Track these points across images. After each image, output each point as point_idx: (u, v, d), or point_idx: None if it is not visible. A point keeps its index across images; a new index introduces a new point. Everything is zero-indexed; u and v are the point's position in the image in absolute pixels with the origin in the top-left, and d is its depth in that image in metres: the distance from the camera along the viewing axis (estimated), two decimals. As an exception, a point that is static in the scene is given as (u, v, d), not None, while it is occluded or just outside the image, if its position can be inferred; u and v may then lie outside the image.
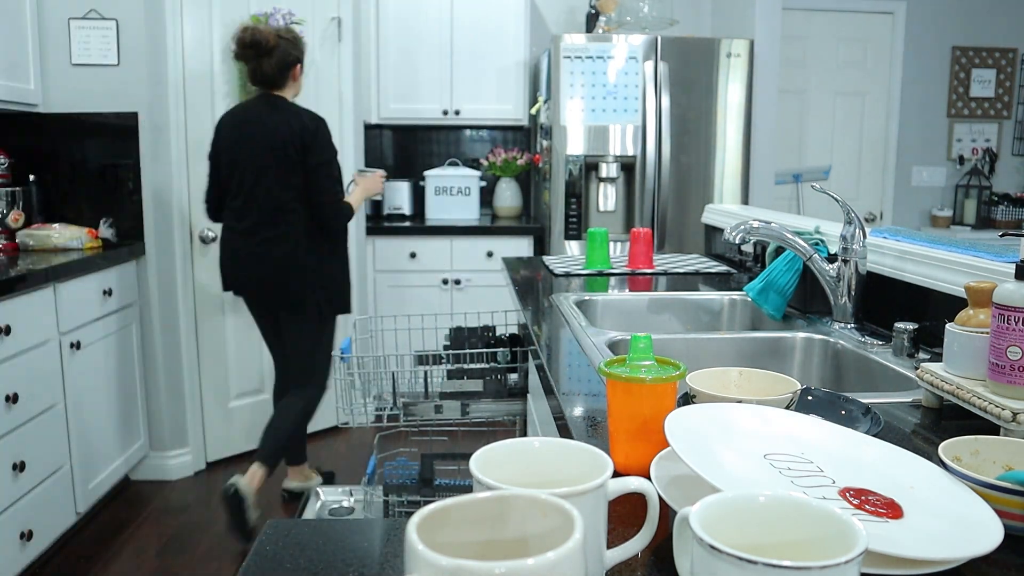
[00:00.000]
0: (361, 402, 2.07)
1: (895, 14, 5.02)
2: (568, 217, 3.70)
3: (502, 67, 4.09)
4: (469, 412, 2.05)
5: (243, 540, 2.60)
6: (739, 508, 0.56)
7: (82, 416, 2.69)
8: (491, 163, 4.31)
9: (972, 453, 0.79)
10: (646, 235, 2.34)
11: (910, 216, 5.24)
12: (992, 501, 0.70)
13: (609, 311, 1.92)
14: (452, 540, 0.52)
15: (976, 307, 1.01)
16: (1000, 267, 1.24)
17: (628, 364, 0.84)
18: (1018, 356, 0.90)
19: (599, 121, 3.64)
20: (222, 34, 3.22)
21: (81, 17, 2.97)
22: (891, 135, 5.14)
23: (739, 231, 1.60)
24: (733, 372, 0.96)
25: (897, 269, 1.50)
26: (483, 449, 0.63)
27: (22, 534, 2.31)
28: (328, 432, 3.76)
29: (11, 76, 2.77)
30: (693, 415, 0.80)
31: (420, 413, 2.04)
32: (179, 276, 3.18)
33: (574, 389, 1.18)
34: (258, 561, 0.70)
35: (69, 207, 3.08)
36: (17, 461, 2.29)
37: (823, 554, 0.51)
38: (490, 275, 3.92)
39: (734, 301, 1.92)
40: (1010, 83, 5.20)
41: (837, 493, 0.71)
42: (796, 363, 1.53)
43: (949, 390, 1.01)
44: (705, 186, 3.74)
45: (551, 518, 0.52)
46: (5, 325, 2.24)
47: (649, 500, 0.64)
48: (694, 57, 3.66)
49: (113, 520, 2.88)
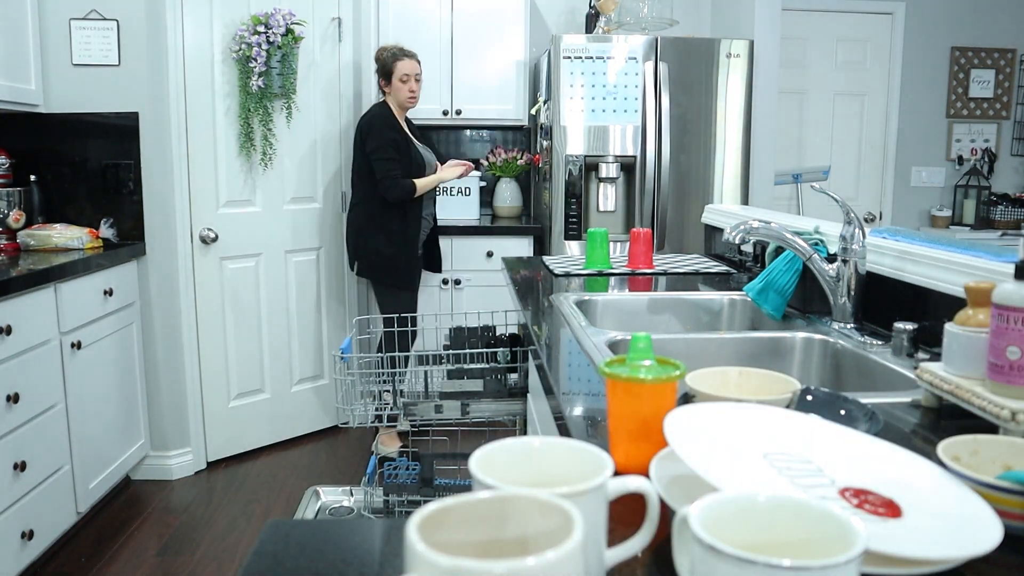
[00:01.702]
0: (361, 402, 2.07)
1: (895, 14, 5.02)
2: (568, 217, 3.69)
3: (502, 67, 4.09)
4: (469, 412, 2.05)
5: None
6: (739, 508, 0.56)
7: (83, 416, 2.69)
8: (491, 163, 4.31)
9: (971, 453, 0.79)
10: (646, 235, 2.34)
11: (909, 216, 5.24)
12: (992, 501, 0.70)
13: (609, 311, 1.92)
14: (452, 540, 0.52)
15: (975, 307, 1.01)
16: (1000, 267, 1.25)
17: (628, 364, 0.84)
18: (1017, 356, 0.90)
19: (599, 121, 3.64)
20: (222, 34, 3.23)
21: (82, 17, 2.97)
22: (890, 135, 5.14)
23: (739, 231, 1.60)
24: (733, 372, 0.97)
25: (897, 269, 1.50)
26: (483, 449, 0.63)
27: (23, 534, 2.31)
28: (328, 432, 3.76)
29: (12, 76, 2.77)
30: (693, 415, 0.81)
31: (420, 413, 2.04)
32: (179, 276, 3.18)
33: (574, 389, 1.18)
34: (258, 561, 0.70)
35: (70, 207, 3.09)
36: (18, 461, 2.29)
37: (823, 554, 0.51)
38: (490, 275, 3.92)
39: (734, 301, 1.92)
40: (1009, 83, 5.20)
41: (837, 493, 0.71)
42: (796, 363, 1.53)
43: (948, 390, 1.01)
44: (705, 186, 3.74)
45: (551, 518, 0.52)
46: (6, 325, 2.24)
47: (649, 500, 0.64)
48: (694, 57, 3.66)
49: (113, 520, 2.88)
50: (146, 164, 3.08)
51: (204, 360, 3.32)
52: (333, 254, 3.74)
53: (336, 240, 3.73)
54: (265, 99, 3.31)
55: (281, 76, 3.32)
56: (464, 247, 3.92)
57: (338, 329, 3.79)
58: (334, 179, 3.69)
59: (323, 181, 3.65)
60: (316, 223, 3.65)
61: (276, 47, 3.26)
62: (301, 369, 3.67)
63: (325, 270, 3.71)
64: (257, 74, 3.24)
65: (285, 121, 3.45)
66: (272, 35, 3.23)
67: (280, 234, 3.52)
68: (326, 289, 3.73)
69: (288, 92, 3.38)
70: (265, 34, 3.22)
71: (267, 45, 3.23)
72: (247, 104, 3.28)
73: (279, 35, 3.25)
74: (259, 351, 3.49)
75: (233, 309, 3.39)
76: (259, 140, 3.35)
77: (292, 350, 3.62)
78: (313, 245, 3.65)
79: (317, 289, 3.69)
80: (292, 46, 3.33)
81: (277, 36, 3.24)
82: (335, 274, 3.76)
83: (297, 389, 3.66)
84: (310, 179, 3.60)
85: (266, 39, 3.23)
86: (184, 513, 2.95)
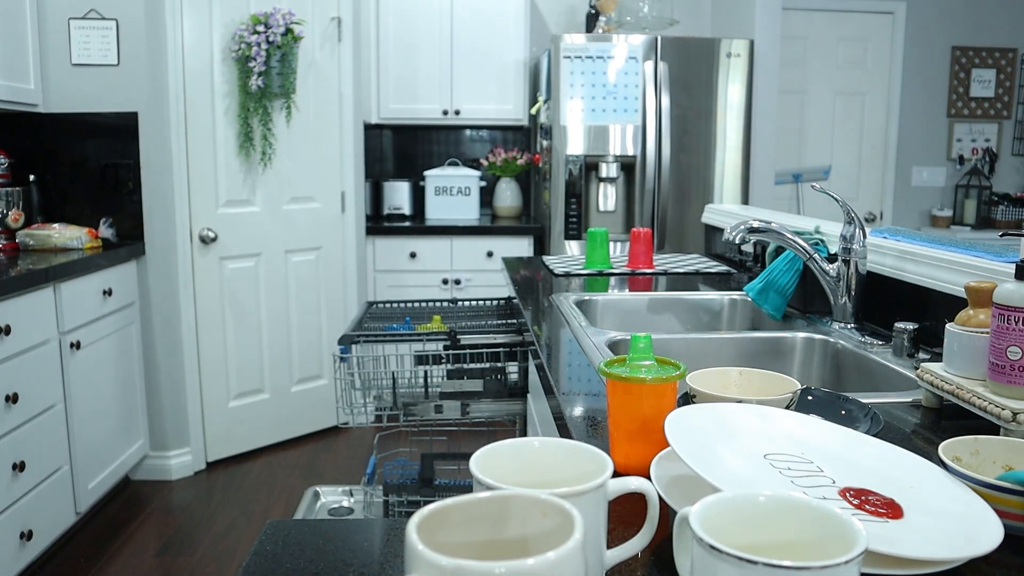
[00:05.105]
0: (361, 402, 2.07)
1: (895, 14, 5.02)
2: (568, 217, 3.70)
3: (502, 67, 4.09)
4: (469, 412, 2.05)
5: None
6: (739, 508, 0.56)
7: (82, 416, 2.69)
8: (491, 163, 4.31)
9: (972, 453, 0.79)
10: (646, 235, 2.34)
11: (910, 216, 5.24)
12: (992, 501, 0.70)
13: (609, 311, 1.92)
14: (452, 540, 0.52)
15: (976, 307, 1.01)
16: (1000, 267, 1.24)
17: (628, 364, 0.84)
18: (1018, 356, 0.90)
19: (599, 121, 3.64)
20: (222, 34, 3.23)
21: (81, 17, 2.97)
22: (891, 135, 5.14)
23: (739, 231, 1.60)
24: (733, 372, 0.96)
25: (897, 269, 1.50)
26: (483, 449, 0.63)
27: (22, 534, 2.31)
28: (328, 432, 3.76)
29: (11, 76, 2.77)
30: (693, 415, 0.80)
31: (420, 413, 2.04)
32: (179, 276, 3.18)
33: (574, 389, 1.18)
34: (258, 561, 0.70)
35: (69, 207, 3.08)
36: (17, 461, 2.29)
37: (823, 554, 0.51)
38: (490, 275, 3.92)
39: (734, 301, 1.92)
40: (1010, 83, 5.20)
41: (837, 493, 0.71)
42: (796, 363, 1.53)
43: (949, 390, 1.01)
44: (705, 186, 3.74)
45: (551, 518, 0.52)
46: (5, 325, 2.24)
47: (649, 500, 0.64)
48: (694, 57, 3.66)
49: (113, 520, 2.88)
50: (145, 164, 3.08)
51: (204, 360, 3.32)
52: (333, 254, 3.74)
53: (336, 240, 3.73)
54: (264, 99, 3.31)
55: (281, 76, 3.32)
56: (464, 247, 3.92)
57: (338, 329, 3.78)
58: (334, 179, 3.69)
59: (323, 181, 3.65)
60: (316, 223, 3.64)
61: (276, 47, 3.26)
62: (301, 369, 3.67)
63: (325, 270, 3.71)
64: (257, 74, 3.23)
65: (285, 121, 3.45)
66: (272, 35, 3.23)
67: (280, 234, 3.52)
68: (326, 289, 3.72)
69: (288, 92, 3.38)
70: (265, 34, 3.22)
71: (267, 45, 3.23)
72: (246, 104, 3.28)
73: (279, 35, 3.25)
74: (259, 351, 3.49)
75: (233, 309, 3.39)
76: (258, 140, 3.35)
77: (292, 350, 3.62)
78: (313, 245, 3.65)
79: (317, 289, 3.69)
80: (292, 46, 3.32)
81: (277, 36, 3.24)
82: (335, 274, 3.76)
83: (297, 389, 3.66)
84: (310, 179, 3.60)
85: (266, 39, 3.22)
86: (184, 513, 2.95)
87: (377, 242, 3.93)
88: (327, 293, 3.73)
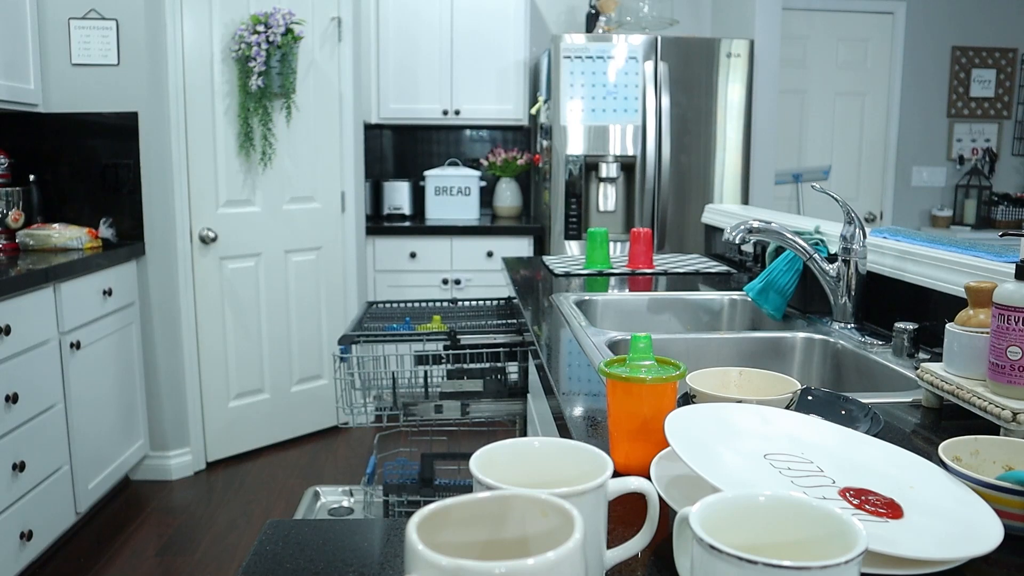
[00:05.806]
0: (361, 402, 2.07)
1: (895, 14, 5.02)
2: (568, 217, 3.70)
3: (502, 67, 4.09)
4: (469, 412, 2.05)
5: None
6: (739, 508, 0.56)
7: (82, 416, 2.69)
8: (491, 163, 4.31)
9: (972, 453, 0.79)
10: (646, 235, 2.34)
11: (910, 216, 5.24)
12: (992, 501, 0.70)
13: (609, 311, 1.92)
14: (452, 540, 0.52)
15: (976, 307, 1.01)
16: (1000, 267, 1.24)
17: (628, 364, 0.84)
18: (1018, 356, 0.90)
19: (599, 121, 3.64)
20: (222, 34, 3.23)
21: (81, 17, 2.97)
22: (891, 135, 5.14)
23: (739, 231, 1.60)
24: (733, 372, 0.96)
25: (897, 269, 1.50)
26: (483, 449, 0.63)
27: (22, 534, 2.31)
28: (328, 432, 3.76)
29: (11, 76, 2.77)
30: (693, 415, 0.80)
31: (420, 413, 2.04)
32: (179, 276, 3.18)
33: (574, 389, 1.18)
34: (258, 561, 0.70)
35: (69, 207, 3.08)
36: (17, 461, 2.29)
37: (823, 554, 0.51)
38: (490, 275, 3.92)
39: (734, 301, 1.92)
40: (1010, 83, 5.20)
41: (837, 493, 0.71)
42: (796, 363, 1.53)
43: (949, 390, 1.01)
44: (705, 186, 3.74)
45: (551, 518, 0.52)
46: (5, 325, 2.24)
47: (649, 500, 0.64)
48: (694, 57, 3.66)
49: (113, 520, 2.88)
50: (145, 164, 3.08)
51: (204, 360, 3.32)
52: (333, 254, 3.74)
53: (336, 240, 3.73)
54: (265, 99, 3.31)
55: (281, 76, 3.32)
56: (464, 247, 3.92)
57: (338, 329, 3.78)
58: (334, 179, 3.69)
59: (323, 181, 3.65)
60: (316, 223, 3.64)
61: (276, 47, 3.26)
62: (301, 369, 3.67)
63: (325, 270, 3.71)
64: (256, 74, 3.23)
65: (285, 121, 3.45)
66: (272, 35, 3.23)
67: (280, 234, 3.52)
68: (326, 289, 3.72)
69: (288, 92, 3.38)
70: (265, 34, 3.22)
71: (267, 45, 3.23)
72: (246, 104, 3.28)
73: (279, 35, 3.25)
74: (259, 351, 3.49)
75: (233, 309, 3.39)
76: (258, 140, 3.35)
77: (292, 350, 3.62)
78: (313, 245, 3.65)
79: (317, 289, 3.69)
80: (292, 46, 3.32)
81: (277, 36, 3.24)
82: (335, 274, 3.76)
83: (297, 389, 3.66)
84: (310, 179, 3.60)
85: (266, 39, 3.22)
86: (183, 513, 2.95)
87: (377, 242, 3.93)
88: (327, 293, 3.73)
